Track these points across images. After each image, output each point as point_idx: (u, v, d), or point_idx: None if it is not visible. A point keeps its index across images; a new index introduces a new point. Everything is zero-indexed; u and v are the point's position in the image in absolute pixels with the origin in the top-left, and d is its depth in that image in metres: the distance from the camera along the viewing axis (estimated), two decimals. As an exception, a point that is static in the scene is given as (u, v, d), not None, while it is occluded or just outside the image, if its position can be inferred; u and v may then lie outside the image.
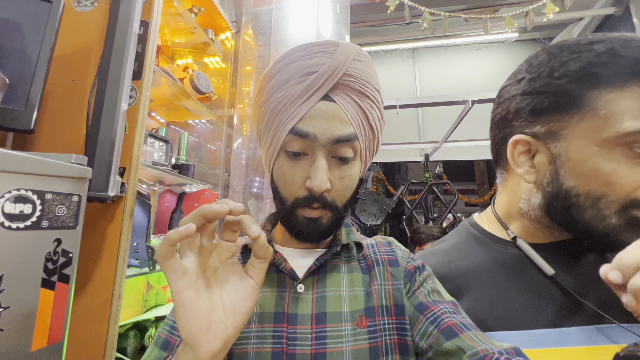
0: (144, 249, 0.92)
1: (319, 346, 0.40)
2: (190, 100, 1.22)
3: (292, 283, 0.44)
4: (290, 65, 0.43)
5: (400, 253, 0.50)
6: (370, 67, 0.45)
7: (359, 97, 0.42)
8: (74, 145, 0.84)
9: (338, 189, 0.43)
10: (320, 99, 0.41)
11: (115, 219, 0.79)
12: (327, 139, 0.40)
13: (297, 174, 0.42)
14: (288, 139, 0.41)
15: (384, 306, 0.44)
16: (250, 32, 1.48)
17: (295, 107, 0.41)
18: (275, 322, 0.42)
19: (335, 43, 0.44)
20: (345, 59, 0.41)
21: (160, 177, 1.22)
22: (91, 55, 0.90)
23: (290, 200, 0.43)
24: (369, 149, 0.46)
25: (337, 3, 1.37)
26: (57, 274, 0.48)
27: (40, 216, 0.46)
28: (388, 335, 0.42)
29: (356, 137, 0.42)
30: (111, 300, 0.76)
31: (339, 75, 0.41)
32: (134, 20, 0.80)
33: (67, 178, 0.51)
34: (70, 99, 0.88)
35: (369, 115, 0.43)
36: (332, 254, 0.46)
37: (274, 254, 0.46)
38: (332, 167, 0.42)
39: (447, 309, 0.42)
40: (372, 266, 0.48)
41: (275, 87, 0.43)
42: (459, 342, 0.37)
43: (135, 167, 0.83)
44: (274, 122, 0.43)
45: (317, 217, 0.42)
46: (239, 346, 0.41)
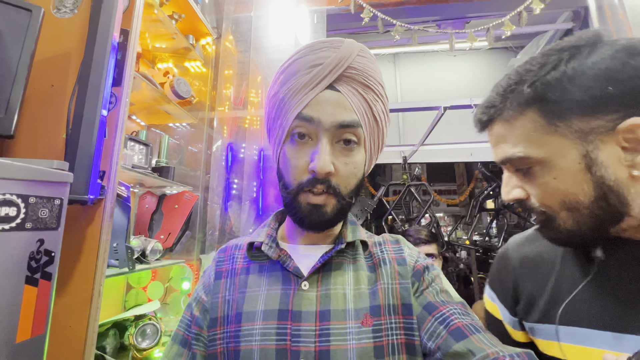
0: (123, 249, 0.95)
1: (323, 343, 0.40)
2: (170, 104, 1.26)
3: (297, 280, 0.44)
4: (298, 60, 0.45)
5: (409, 252, 0.50)
6: (373, 63, 0.47)
7: (362, 89, 0.44)
8: (53, 150, 0.86)
9: (342, 174, 0.43)
10: (325, 88, 0.43)
11: (95, 221, 0.82)
12: (331, 124, 0.42)
13: (301, 158, 0.43)
14: (294, 124, 0.43)
15: (390, 305, 0.43)
16: (230, 38, 1.53)
17: (302, 95, 0.43)
18: (279, 319, 0.42)
19: (341, 40, 0.46)
20: (350, 53, 0.44)
21: (140, 180, 1.25)
22: (71, 61, 0.93)
23: (294, 186, 0.43)
24: (373, 139, 0.47)
25: (315, 13, 1.44)
26: (40, 271, 0.52)
27: (25, 218, 0.50)
28: (395, 334, 0.42)
29: (359, 124, 0.43)
30: (91, 299, 0.79)
31: (343, 67, 0.43)
32: (113, 30, 0.83)
33: (49, 183, 0.54)
34: (50, 103, 0.90)
35: (373, 107, 0.45)
36: (337, 251, 0.46)
37: (279, 251, 0.47)
38: (336, 153, 0.43)
39: (456, 309, 0.41)
40: (378, 265, 0.47)
41: (284, 80, 0.45)
42: (469, 344, 0.37)
43: (115, 170, 0.86)
44: (282, 110, 0.45)
45: (320, 204, 0.42)
46: (245, 343, 0.41)
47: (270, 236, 0.49)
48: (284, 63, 0.48)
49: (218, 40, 1.55)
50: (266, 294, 0.45)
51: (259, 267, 0.48)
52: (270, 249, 0.47)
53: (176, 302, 1.32)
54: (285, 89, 0.44)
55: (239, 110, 1.48)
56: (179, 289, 1.33)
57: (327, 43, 0.46)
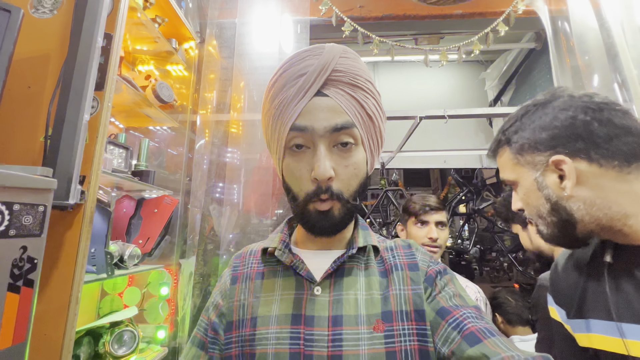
0: (101, 255, 0.93)
1: (335, 348, 0.40)
2: (152, 108, 1.25)
3: (310, 285, 0.45)
4: (284, 73, 0.46)
5: (421, 257, 0.50)
6: (358, 62, 0.47)
7: (351, 89, 0.44)
8: (29, 154, 0.84)
9: (343, 178, 0.44)
10: (314, 95, 0.43)
11: (74, 226, 0.81)
12: (325, 129, 0.42)
13: (303, 168, 0.44)
14: (290, 136, 0.44)
15: (403, 311, 0.43)
16: (214, 43, 1.53)
17: (292, 107, 0.43)
18: (292, 323, 0.43)
19: (322, 46, 0.47)
20: (332, 57, 0.44)
21: (118, 183, 1.23)
22: (49, 62, 0.91)
23: (301, 197, 0.44)
24: (370, 137, 0.47)
25: (298, 23, 1.48)
26: (23, 278, 0.52)
27: (8, 225, 0.50)
28: (408, 341, 0.41)
29: (354, 125, 0.44)
30: (68, 306, 0.78)
31: (328, 71, 0.43)
32: (97, 34, 0.83)
33: (33, 190, 0.54)
34: (26, 106, 0.88)
35: (364, 104, 0.45)
36: (349, 256, 0.46)
37: (292, 257, 0.47)
38: (334, 157, 0.43)
39: (470, 313, 0.41)
40: (390, 270, 0.47)
41: (273, 96, 0.46)
42: (483, 348, 0.36)
43: (95, 175, 0.85)
44: (276, 125, 0.45)
45: (327, 210, 0.43)
46: (259, 347, 0.42)
47: (283, 242, 0.50)
48: (271, 79, 0.49)
49: (201, 45, 1.55)
50: (280, 299, 0.45)
51: (273, 272, 0.49)
52: (283, 254, 0.48)
53: (154, 307, 1.30)
54: (276, 103, 0.45)
55: (221, 114, 1.49)
56: (157, 295, 1.31)
57: (308, 52, 0.46)
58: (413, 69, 3.87)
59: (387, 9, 1.62)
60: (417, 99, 3.69)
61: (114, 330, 1.10)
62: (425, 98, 3.72)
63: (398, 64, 3.85)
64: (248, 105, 1.44)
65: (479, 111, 2.17)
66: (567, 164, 0.49)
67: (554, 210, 0.51)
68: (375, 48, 1.35)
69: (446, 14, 1.63)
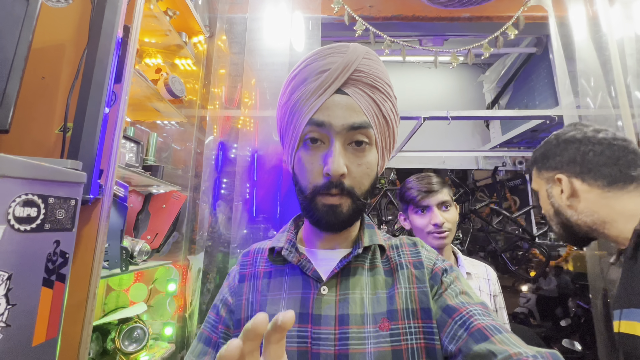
0: (116, 250, 0.92)
1: (342, 347, 0.41)
2: (162, 102, 1.23)
3: (316, 285, 0.45)
4: (306, 67, 0.46)
5: (426, 254, 0.50)
6: (380, 64, 0.48)
7: (370, 90, 0.45)
8: (44, 146, 0.82)
9: (355, 175, 0.44)
10: (334, 92, 0.44)
11: (91, 221, 0.80)
12: (342, 126, 0.43)
13: (315, 162, 0.44)
14: (307, 130, 0.44)
15: (409, 309, 0.43)
16: (224, 38, 1.52)
17: (312, 101, 0.44)
18: (300, 322, 0.43)
19: (347, 45, 0.47)
20: (356, 57, 0.45)
21: (126, 177, 1.21)
22: (64, 53, 0.89)
23: (309, 189, 0.44)
24: (384, 138, 0.48)
25: (310, 20, 1.48)
26: (56, 273, 0.51)
27: (44, 219, 0.49)
28: (414, 339, 0.42)
29: (370, 125, 0.44)
30: (86, 301, 0.77)
31: (350, 70, 0.44)
32: (118, 25, 0.81)
33: (65, 183, 0.54)
34: (40, 96, 0.86)
35: (382, 107, 0.46)
36: (354, 256, 0.47)
37: (299, 256, 0.48)
38: (348, 155, 0.44)
39: (476, 310, 0.41)
40: (395, 269, 0.48)
41: (293, 88, 0.47)
42: (490, 345, 0.36)
43: (113, 169, 0.84)
44: (293, 117, 0.46)
45: (336, 204, 0.44)
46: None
47: (289, 241, 0.50)
48: (291, 72, 0.49)
49: (210, 39, 1.53)
50: (287, 298, 0.46)
51: (280, 271, 0.49)
52: (290, 254, 0.48)
53: (161, 304, 1.28)
54: (296, 96, 0.46)
55: (231, 110, 1.48)
56: (164, 291, 1.30)
57: (333, 49, 0.47)
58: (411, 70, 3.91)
59: (397, 10, 1.63)
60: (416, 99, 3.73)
61: (122, 327, 1.08)
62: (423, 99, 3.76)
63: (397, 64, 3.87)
64: (259, 102, 1.43)
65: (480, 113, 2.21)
66: (563, 181, 0.68)
67: (556, 214, 0.71)
68: (386, 48, 1.36)
69: (454, 17, 1.65)
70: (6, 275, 0.43)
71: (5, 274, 0.43)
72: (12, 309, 0.44)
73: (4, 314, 0.43)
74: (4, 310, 0.43)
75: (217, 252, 1.38)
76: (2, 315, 0.43)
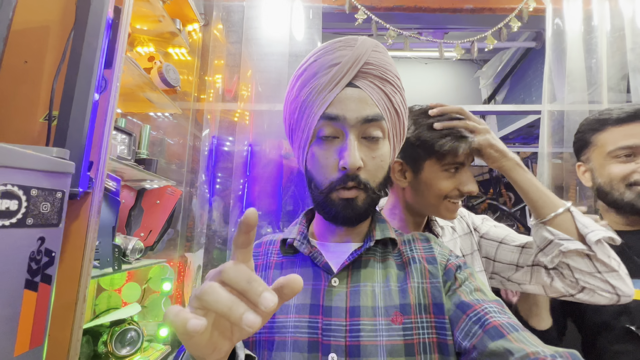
0: (107, 248, 0.86)
1: (353, 339, 0.41)
2: (156, 92, 1.17)
3: (327, 277, 0.46)
4: (315, 62, 0.46)
5: (439, 250, 0.50)
6: (388, 57, 0.48)
7: (381, 83, 0.45)
8: (27, 134, 0.76)
9: (370, 168, 0.44)
10: (345, 85, 0.44)
11: (81, 216, 0.74)
12: (356, 119, 0.43)
13: (330, 157, 0.44)
14: (320, 124, 0.44)
15: (421, 304, 0.43)
16: (220, 27, 1.45)
17: (324, 95, 0.44)
18: (311, 313, 0.43)
19: (355, 38, 0.47)
20: (365, 50, 0.45)
21: (117, 171, 1.14)
22: (49, 35, 0.82)
23: (325, 185, 0.44)
24: (396, 131, 0.48)
25: (310, 9, 1.42)
26: (40, 274, 0.46)
27: (26, 213, 0.43)
28: (426, 333, 0.42)
29: (382, 118, 0.45)
30: (75, 303, 0.71)
31: (360, 63, 0.44)
32: (108, 6, 0.75)
33: (51, 173, 0.48)
34: (22, 82, 0.79)
35: (392, 99, 0.46)
36: (366, 249, 0.47)
37: (310, 248, 0.48)
38: (363, 148, 0.44)
39: (492, 308, 0.41)
40: (407, 263, 0.48)
41: (302, 83, 0.46)
42: (506, 343, 0.35)
43: (103, 161, 0.78)
44: (304, 113, 0.45)
45: (352, 198, 0.44)
46: (278, 334, 0.43)
47: (302, 233, 0.51)
48: (299, 67, 0.49)
49: (205, 28, 1.46)
50: None
51: (291, 263, 0.50)
52: (302, 245, 0.49)
53: (156, 304, 1.22)
54: (306, 91, 0.45)
55: (228, 102, 1.42)
56: (158, 290, 1.24)
57: (342, 42, 0.46)
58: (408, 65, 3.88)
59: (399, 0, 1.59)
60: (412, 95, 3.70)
61: (115, 330, 1.02)
62: (419, 95, 3.73)
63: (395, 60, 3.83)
64: (256, 94, 1.38)
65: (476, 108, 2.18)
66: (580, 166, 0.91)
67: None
68: (389, 39, 1.32)
69: (457, 8, 1.61)
70: (-19, 277, 0.38)
71: (-19, 275, 0.38)
72: (-10, 316, 0.39)
73: (-20, 321, 0.38)
74: (-21, 317, 0.38)
75: (212, 249, 1.33)
76: (-23, 323, 0.37)
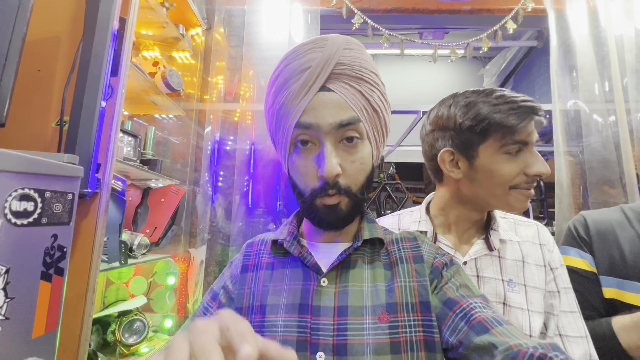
0: (114, 244, 0.92)
1: (340, 337, 0.41)
2: (160, 95, 1.22)
3: (316, 277, 0.46)
4: (287, 67, 0.45)
5: (427, 248, 0.50)
6: (362, 53, 0.46)
7: (356, 82, 0.44)
8: (41, 140, 0.82)
9: (351, 173, 0.44)
10: (318, 90, 0.42)
11: (89, 215, 0.80)
12: (330, 126, 0.42)
13: (309, 165, 0.44)
14: (295, 133, 0.44)
15: (408, 303, 0.44)
16: (222, 30, 1.50)
17: (297, 103, 0.43)
18: (300, 312, 0.44)
19: (325, 37, 0.45)
20: (336, 50, 0.43)
21: (124, 172, 1.20)
22: (60, 45, 0.88)
23: (307, 192, 0.44)
24: (376, 129, 0.47)
25: (309, 13, 1.46)
26: (54, 267, 0.52)
27: (41, 213, 0.49)
28: (413, 331, 0.42)
29: (359, 120, 0.43)
30: (86, 294, 0.77)
31: (331, 65, 0.42)
32: (114, 17, 0.80)
33: (62, 177, 0.53)
34: (36, 89, 0.85)
35: (369, 98, 0.44)
36: (354, 249, 0.47)
37: (300, 248, 0.48)
38: (341, 153, 0.43)
39: (476, 303, 0.41)
40: (395, 263, 0.48)
41: (277, 91, 0.46)
42: (490, 337, 0.36)
43: (110, 163, 0.84)
44: (280, 121, 0.45)
45: (335, 204, 0.44)
46: (268, 333, 0.44)
47: (291, 234, 0.51)
48: (273, 73, 0.48)
49: (208, 32, 1.52)
50: (288, 289, 0.46)
51: (282, 263, 0.50)
52: (291, 246, 0.49)
53: (161, 297, 1.29)
54: (280, 99, 0.45)
55: (229, 102, 1.47)
56: (163, 284, 1.31)
57: (311, 44, 0.45)
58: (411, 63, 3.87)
59: (397, 2, 1.61)
60: (415, 92, 3.71)
61: (122, 320, 1.09)
62: (423, 92, 3.74)
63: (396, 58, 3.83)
64: (257, 96, 1.42)
65: (479, 107, 2.19)
66: None
67: None
68: (385, 42, 1.35)
69: (455, 9, 1.63)
70: (4, 269, 0.44)
71: (3, 267, 0.44)
72: (11, 302, 0.45)
73: (3, 307, 0.43)
74: (2, 304, 0.43)
75: (216, 245, 1.39)
76: (1, 309, 0.43)
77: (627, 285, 0.68)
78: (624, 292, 0.68)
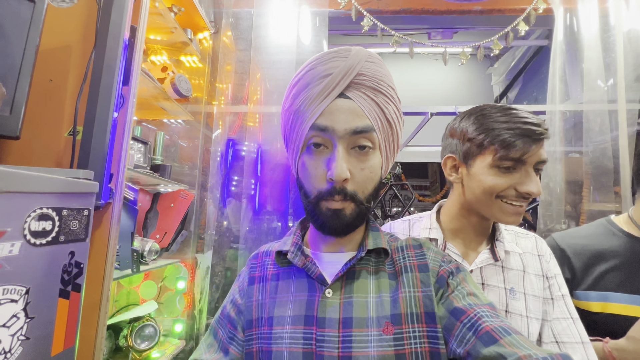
0: (126, 252, 0.93)
1: (345, 350, 0.41)
2: (169, 101, 1.22)
3: (321, 288, 0.46)
4: (309, 72, 0.47)
5: (432, 256, 0.49)
6: (382, 67, 0.48)
7: (373, 94, 0.45)
8: (54, 150, 0.82)
9: (359, 180, 0.44)
10: (337, 96, 0.44)
11: (103, 225, 0.80)
12: (345, 131, 0.43)
13: (319, 167, 0.44)
14: (310, 134, 0.45)
15: (413, 314, 0.43)
16: (229, 34, 1.49)
17: (315, 106, 0.44)
18: (305, 324, 0.44)
19: (349, 49, 0.47)
20: (358, 61, 0.45)
21: (133, 178, 1.21)
22: (71, 55, 0.88)
23: (314, 194, 0.45)
24: (388, 142, 0.48)
25: (317, 15, 1.45)
26: (71, 283, 0.52)
27: (59, 231, 0.49)
28: (418, 343, 0.42)
29: (373, 129, 0.44)
30: (100, 304, 0.78)
31: (352, 74, 0.44)
32: (125, 28, 0.80)
33: (78, 194, 0.54)
34: (48, 99, 0.86)
35: (385, 110, 0.46)
36: (359, 259, 0.47)
37: (304, 259, 0.48)
38: (351, 159, 0.44)
39: (484, 312, 0.40)
40: (400, 272, 0.48)
41: (297, 93, 0.47)
42: (499, 348, 0.35)
43: (122, 173, 0.84)
44: (297, 122, 0.46)
45: (340, 209, 0.44)
46: (275, 345, 0.44)
47: (295, 244, 0.51)
48: (295, 76, 0.49)
49: (215, 35, 1.51)
50: (294, 300, 0.47)
51: (287, 274, 0.50)
52: (295, 257, 0.49)
53: (171, 301, 1.30)
54: (299, 101, 0.46)
55: (238, 106, 1.47)
56: (173, 289, 1.32)
57: (335, 53, 0.47)
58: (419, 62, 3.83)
59: (405, 3, 1.59)
60: (423, 91, 3.67)
61: (134, 325, 1.10)
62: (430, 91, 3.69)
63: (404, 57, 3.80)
64: (265, 99, 1.42)
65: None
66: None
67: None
68: (394, 44, 1.33)
69: (465, 10, 1.60)
70: (24, 290, 0.44)
71: (24, 288, 0.44)
72: (31, 322, 0.45)
73: (24, 327, 0.44)
74: (23, 324, 0.44)
75: (225, 249, 1.39)
76: (22, 329, 0.43)
77: (611, 297, 0.73)
78: (608, 304, 0.72)
